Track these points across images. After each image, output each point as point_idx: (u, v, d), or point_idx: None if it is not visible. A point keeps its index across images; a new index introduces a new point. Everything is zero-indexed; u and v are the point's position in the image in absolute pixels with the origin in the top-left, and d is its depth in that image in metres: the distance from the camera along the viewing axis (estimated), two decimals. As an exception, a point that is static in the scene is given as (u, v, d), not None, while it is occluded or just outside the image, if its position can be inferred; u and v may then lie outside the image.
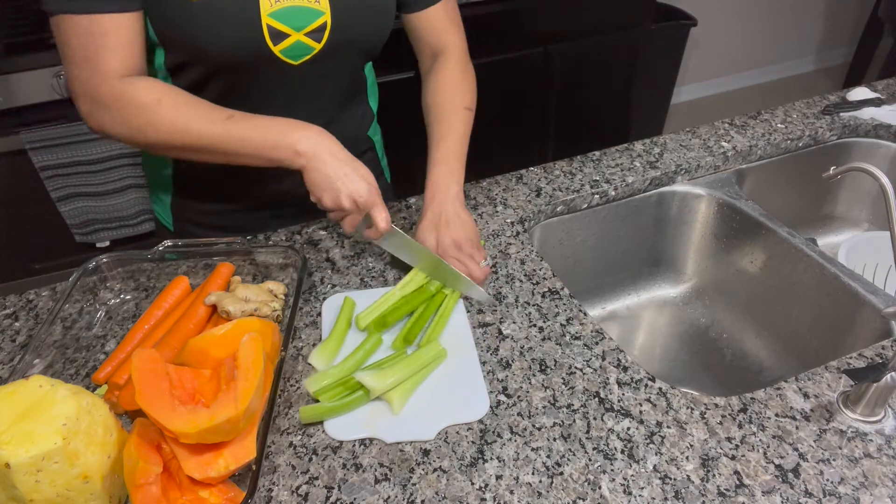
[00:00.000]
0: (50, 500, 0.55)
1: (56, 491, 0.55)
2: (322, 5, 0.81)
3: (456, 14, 0.96)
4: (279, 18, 0.79)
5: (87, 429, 0.57)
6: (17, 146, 1.57)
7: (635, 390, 0.73)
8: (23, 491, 0.54)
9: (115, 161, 1.67)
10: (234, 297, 0.77)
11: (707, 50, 3.34)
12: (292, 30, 0.80)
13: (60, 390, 0.58)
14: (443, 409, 0.72)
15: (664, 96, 2.75)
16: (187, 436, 0.58)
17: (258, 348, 0.65)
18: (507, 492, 0.63)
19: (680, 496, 0.62)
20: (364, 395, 0.71)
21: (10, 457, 0.53)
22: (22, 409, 0.56)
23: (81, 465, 0.56)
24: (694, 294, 1.20)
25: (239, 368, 0.63)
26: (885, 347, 0.78)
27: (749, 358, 1.08)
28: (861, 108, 1.26)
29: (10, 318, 0.85)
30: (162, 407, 0.59)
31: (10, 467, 0.53)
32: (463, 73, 0.96)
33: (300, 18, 0.80)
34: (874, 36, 3.16)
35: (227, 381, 0.63)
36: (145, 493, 0.57)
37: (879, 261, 1.08)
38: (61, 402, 0.57)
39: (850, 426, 0.69)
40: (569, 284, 0.91)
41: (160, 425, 0.59)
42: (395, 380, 0.71)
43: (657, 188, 1.12)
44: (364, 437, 0.69)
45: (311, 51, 0.83)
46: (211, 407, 0.60)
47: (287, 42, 0.81)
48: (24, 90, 1.57)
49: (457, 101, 0.93)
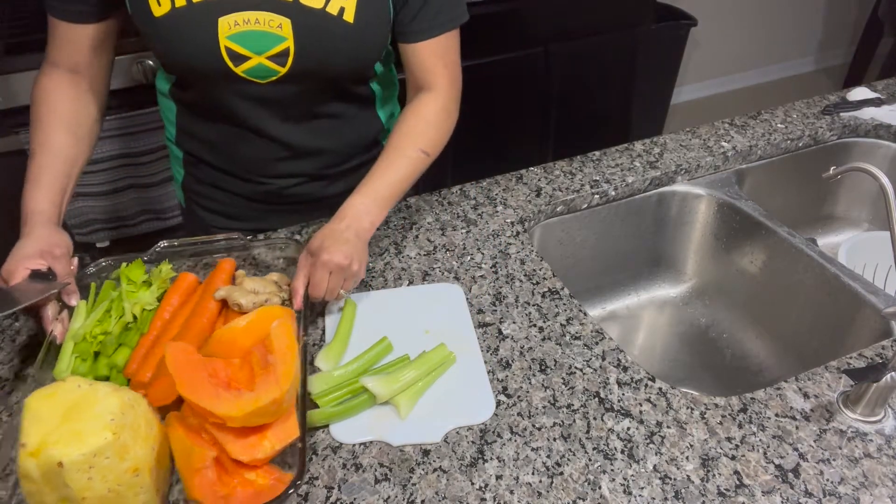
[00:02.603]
0: (102, 497, 0.55)
1: (107, 486, 0.55)
2: (284, 31, 0.79)
3: (451, 55, 0.90)
4: (238, 41, 0.79)
5: (132, 423, 0.58)
6: (17, 146, 1.57)
7: (635, 390, 0.73)
8: (75, 489, 0.54)
9: (115, 161, 1.67)
10: (244, 290, 0.78)
11: (707, 50, 3.34)
12: (252, 53, 0.80)
13: (101, 388, 0.59)
14: (448, 411, 0.72)
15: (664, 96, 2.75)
16: (234, 419, 0.60)
17: (289, 332, 0.67)
18: (507, 492, 0.63)
19: (680, 496, 0.62)
20: (369, 399, 0.71)
21: (63, 456, 0.53)
22: (64, 409, 0.56)
23: (131, 459, 0.57)
24: (694, 294, 1.20)
25: (274, 352, 0.64)
26: (885, 347, 0.78)
27: (749, 358, 1.08)
28: (861, 108, 1.26)
29: (10, 317, 0.85)
30: (206, 394, 0.61)
31: (63, 466, 0.53)
32: (436, 115, 0.90)
33: (260, 43, 0.80)
34: (874, 36, 3.16)
35: (262, 366, 0.65)
36: (202, 477, 0.58)
37: (879, 261, 1.08)
38: (104, 399, 0.58)
39: (850, 426, 0.69)
40: (569, 284, 0.91)
41: (206, 412, 0.60)
42: (401, 385, 0.71)
43: (657, 188, 1.12)
44: (369, 440, 0.69)
45: (275, 73, 0.83)
46: (254, 390, 0.61)
47: (248, 64, 0.81)
48: (24, 90, 1.56)
49: (414, 141, 0.88)
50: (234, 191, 1.00)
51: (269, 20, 0.79)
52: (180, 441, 0.62)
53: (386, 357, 0.78)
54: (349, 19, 0.81)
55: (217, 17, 0.78)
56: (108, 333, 0.74)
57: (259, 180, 0.98)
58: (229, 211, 1.03)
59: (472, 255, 0.94)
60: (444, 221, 1.01)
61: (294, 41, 0.80)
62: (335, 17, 0.80)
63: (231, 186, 1.00)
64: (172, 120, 0.97)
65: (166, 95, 0.95)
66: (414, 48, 0.88)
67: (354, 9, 0.80)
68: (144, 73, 1.60)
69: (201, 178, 1.02)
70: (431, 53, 0.89)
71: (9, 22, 1.70)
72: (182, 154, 1.01)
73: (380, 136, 1.03)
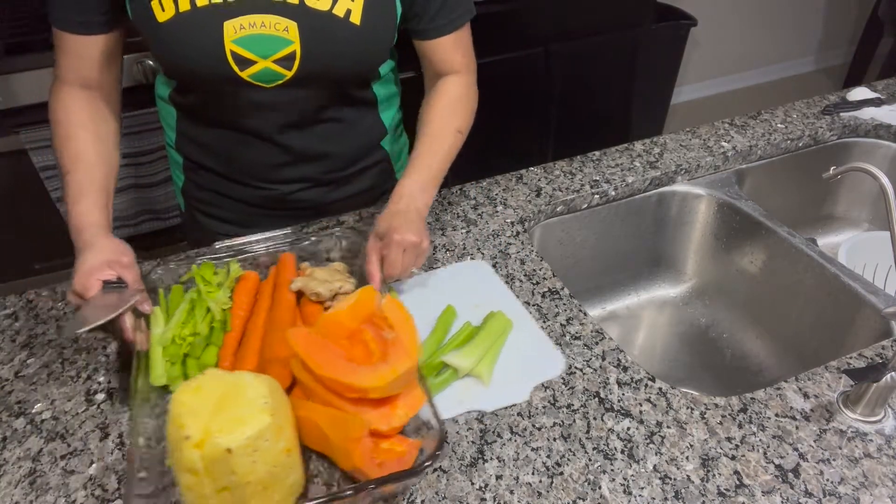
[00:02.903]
0: (261, 479, 0.56)
1: (266, 469, 0.56)
2: (291, 34, 0.79)
3: (466, 44, 0.94)
4: (244, 45, 0.79)
5: (281, 405, 0.60)
6: (17, 146, 1.57)
7: (635, 390, 0.73)
8: (241, 474, 0.55)
9: (115, 161, 1.67)
10: (318, 280, 0.80)
11: (707, 50, 3.34)
12: (258, 57, 0.80)
13: (244, 376, 0.60)
14: (524, 371, 0.76)
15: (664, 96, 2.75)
16: (377, 389, 0.62)
17: (400, 305, 0.70)
18: (507, 492, 0.63)
19: (680, 496, 0.62)
20: (452, 374, 0.75)
21: (230, 442, 0.54)
22: (214, 399, 0.57)
23: (285, 440, 0.59)
24: (694, 294, 1.20)
25: (394, 327, 0.67)
26: (885, 347, 0.78)
27: (749, 358, 1.08)
28: (861, 108, 1.26)
29: (10, 318, 0.85)
30: (344, 370, 0.64)
31: (231, 452, 0.54)
32: (463, 95, 0.93)
33: (266, 46, 0.80)
34: (874, 36, 3.16)
35: (379, 341, 0.68)
36: (364, 446, 0.60)
37: (879, 261, 1.08)
38: (251, 385, 0.59)
39: (850, 426, 0.69)
40: (569, 284, 0.91)
41: (345, 387, 0.63)
42: (478, 356, 0.75)
43: (657, 188, 1.12)
44: (463, 411, 0.71)
45: (282, 77, 0.83)
46: (387, 362, 0.64)
47: (254, 68, 0.81)
48: (24, 90, 1.56)
49: (449, 122, 0.91)
50: (236, 196, 1.00)
51: (276, 23, 0.78)
52: (330, 415, 0.63)
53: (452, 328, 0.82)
54: (356, 21, 0.81)
55: (222, 21, 0.77)
56: (196, 334, 0.75)
57: (261, 186, 0.97)
58: (230, 217, 1.03)
59: (473, 255, 0.94)
60: (445, 221, 1.01)
61: (301, 44, 0.80)
62: (342, 19, 0.80)
63: (232, 192, 0.99)
64: (172, 125, 0.97)
65: (166, 100, 0.95)
66: (434, 44, 0.91)
67: (361, 10, 0.80)
68: (144, 73, 1.60)
69: (202, 184, 1.01)
70: (450, 47, 0.91)
71: (9, 22, 1.70)
72: (182, 159, 1.00)
73: (382, 140, 1.02)
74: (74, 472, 0.66)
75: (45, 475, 0.66)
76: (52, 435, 0.70)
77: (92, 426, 0.71)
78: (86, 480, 0.65)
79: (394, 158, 1.07)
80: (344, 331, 0.70)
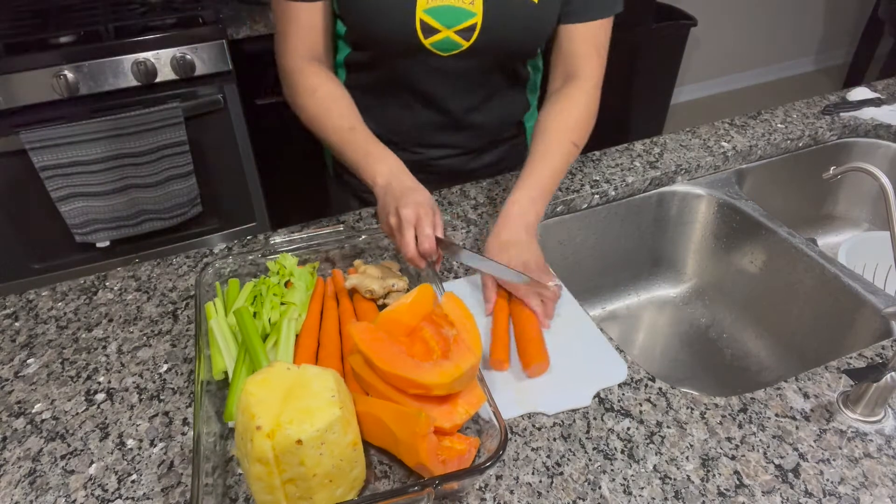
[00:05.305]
0: (327, 472, 0.57)
1: (332, 462, 0.57)
2: (475, 7, 0.84)
3: (602, 41, 0.95)
4: (433, 15, 0.84)
5: (347, 398, 0.61)
6: (17, 146, 1.57)
7: (635, 390, 0.73)
8: (308, 466, 0.55)
9: (116, 161, 1.67)
10: (372, 277, 0.81)
11: (707, 50, 3.34)
12: (443, 27, 0.85)
13: (309, 368, 0.60)
14: (588, 375, 0.75)
15: (664, 96, 2.75)
16: (441, 386, 0.62)
17: (460, 303, 0.70)
18: (507, 492, 0.63)
19: (680, 496, 0.62)
20: None
21: (301, 433, 0.54)
22: (282, 391, 0.57)
23: (351, 433, 0.59)
24: (694, 294, 1.20)
25: (455, 324, 0.67)
26: (885, 347, 0.78)
27: (749, 358, 1.08)
28: (861, 108, 1.26)
29: (10, 318, 0.85)
30: (408, 366, 0.63)
31: (301, 443, 0.54)
32: (585, 108, 0.94)
33: (452, 17, 0.85)
34: (874, 36, 3.16)
35: (441, 338, 0.68)
36: (430, 441, 0.60)
37: (879, 261, 1.08)
38: (317, 378, 0.59)
39: (850, 426, 0.69)
40: (569, 284, 0.91)
41: (409, 383, 0.62)
42: None
43: (657, 188, 1.12)
44: (524, 413, 0.70)
45: (459, 47, 0.88)
46: (451, 359, 0.63)
47: (437, 37, 0.86)
48: (24, 90, 1.57)
49: (567, 134, 0.91)
50: None
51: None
52: (395, 410, 0.62)
53: None
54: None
55: None
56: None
57: (413, 150, 1.02)
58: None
59: (472, 255, 0.94)
60: (445, 221, 1.01)
61: (483, 17, 0.85)
62: None
63: None
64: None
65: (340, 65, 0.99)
66: (570, 32, 0.92)
67: None
68: (145, 73, 1.60)
69: None
70: (586, 39, 0.93)
71: (9, 22, 1.70)
72: None
73: (524, 116, 1.08)
74: (74, 472, 0.66)
75: (44, 475, 0.66)
76: (51, 435, 0.70)
77: (92, 426, 0.71)
78: (86, 480, 0.65)
79: (528, 135, 1.12)
80: (403, 328, 0.70)
